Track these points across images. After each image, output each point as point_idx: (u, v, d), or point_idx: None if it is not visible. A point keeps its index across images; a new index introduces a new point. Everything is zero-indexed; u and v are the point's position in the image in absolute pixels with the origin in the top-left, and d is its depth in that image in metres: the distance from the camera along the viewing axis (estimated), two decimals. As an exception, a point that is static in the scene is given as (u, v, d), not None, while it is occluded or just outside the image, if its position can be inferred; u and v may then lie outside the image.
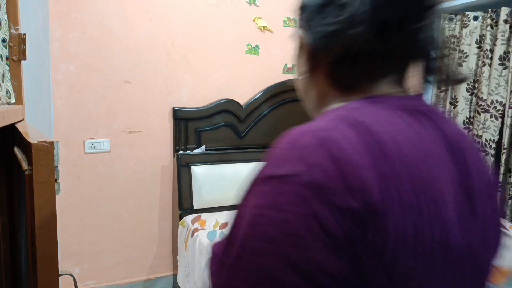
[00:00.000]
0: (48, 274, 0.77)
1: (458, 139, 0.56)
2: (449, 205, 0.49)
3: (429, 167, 0.48)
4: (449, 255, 0.47)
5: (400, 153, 0.46)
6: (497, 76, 2.93)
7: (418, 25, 0.53)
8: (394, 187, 0.43)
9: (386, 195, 0.42)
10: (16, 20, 1.18)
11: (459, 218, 0.50)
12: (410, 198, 0.44)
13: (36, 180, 0.75)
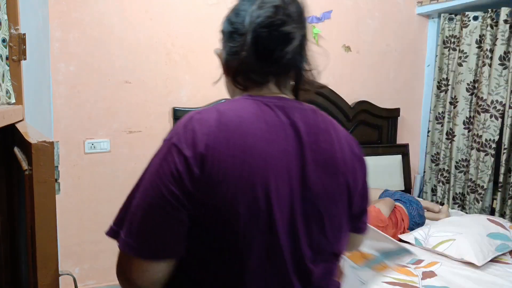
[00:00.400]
0: (48, 274, 0.77)
1: (307, 126, 0.80)
2: (273, 160, 0.74)
3: (264, 140, 0.75)
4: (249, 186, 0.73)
5: (236, 126, 0.74)
6: (497, 76, 2.93)
7: (284, 52, 0.78)
8: (220, 143, 0.71)
9: (209, 148, 0.71)
10: (16, 20, 1.18)
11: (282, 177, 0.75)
12: (232, 149, 0.72)
13: (36, 180, 0.75)
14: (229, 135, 0.73)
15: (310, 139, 0.79)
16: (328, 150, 0.81)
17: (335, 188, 0.82)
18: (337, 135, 0.85)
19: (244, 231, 0.73)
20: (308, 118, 0.82)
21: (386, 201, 2.40)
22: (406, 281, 1.83)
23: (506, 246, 2.14)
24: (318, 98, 3.10)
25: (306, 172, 0.78)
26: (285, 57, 0.79)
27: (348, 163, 0.84)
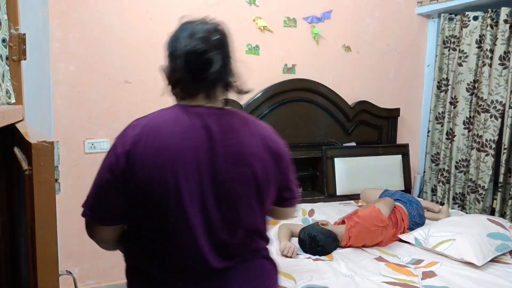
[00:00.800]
0: (48, 274, 0.77)
1: (219, 127, 1.03)
2: (182, 154, 0.99)
3: (177, 140, 1.00)
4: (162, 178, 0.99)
5: (156, 130, 1.00)
6: (497, 76, 2.93)
7: (208, 73, 1.01)
8: (143, 144, 0.98)
9: (136, 147, 0.97)
10: (16, 20, 1.18)
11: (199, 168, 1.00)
12: (150, 148, 0.98)
13: (36, 180, 0.75)
14: (149, 136, 1.00)
15: (221, 137, 1.03)
16: (236, 146, 1.04)
17: (242, 175, 1.04)
18: (251, 133, 1.08)
19: (159, 207, 1.00)
20: (222, 121, 1.06)
21: (386, 201, 2.40)
22: (406, 281, 1.83)
23: (506, 246, 2.14)
24: (318, 98, 3.10)
25: (215, 163, 1.01)
26: (209, 77, 1.03)
27: (255, 155, 1.06)
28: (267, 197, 1.11)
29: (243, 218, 1.05)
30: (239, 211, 1.05)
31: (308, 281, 1.79)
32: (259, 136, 1.10)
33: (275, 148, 1.12)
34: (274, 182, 1.11)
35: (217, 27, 1.13)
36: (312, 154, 3.12)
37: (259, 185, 1.06)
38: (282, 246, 2.08)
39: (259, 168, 1.06)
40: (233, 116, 1.10)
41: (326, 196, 3.07)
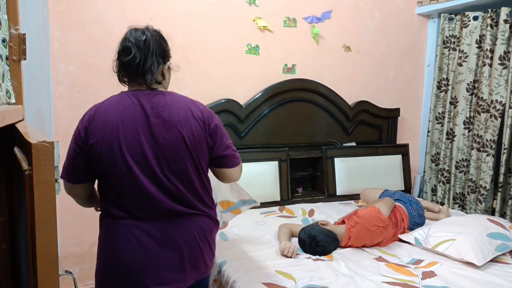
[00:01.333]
0: (48, 274, 0.77)
1: (151, 104, 1.36)
2: (134, 126, 1.34)
3: (122, 117, 1.34)
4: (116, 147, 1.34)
5: (104, 110, 1.37)
6: (497, 76, 2.93)
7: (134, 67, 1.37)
8: (95, 120, 1.35)
9: (91, 123, 1.36)
10: (16, 20, 1.18)
11: (137, 134, 1.34)
12: (104, 129, 1.34)
13: (36, 180, 0.75)
14: (100, 114, 1.37)
15: (152, 111, 1.36)
16: (166, 116, 1.36)
17: (173, 139, 1.36)
18: (178, 106, 1.39)
19: (110, 168, 1.35)
20: (153, 99, 1.38)
21: (386, 201, 2.40)
22: (406, 281, 1.83)
23: (506, 246, 2.14)
24: (318, 98, 3.11)
25: (151, 130, 1.35)
26: (135, 69, 1.39)
27: (183, 123, 1.37)
28: (200, 155, 1.41)
29: (179, 172, 1.38)
30: (174, 167, 1.37)
31: (308, 281, 1.79)
32: (187, 108, 1.40)
33: (201, 116, 1.41)
34: (203, 143, 1.41)
35: (144, 31, 1.41)
36: (312, 154, 3.12)
37: (189, 145, 1.37)
38: (282, 246, 2.08)
39: (187, 132, 1.37)
40: (164, 95, 1.41)
41: (326, 196, 3.07)
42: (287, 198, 2.93)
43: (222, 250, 2.13)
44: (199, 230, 1.42)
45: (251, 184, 2.77)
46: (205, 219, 1.45)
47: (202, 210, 1.44)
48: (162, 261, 1.36)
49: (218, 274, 2.00)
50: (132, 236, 1.36)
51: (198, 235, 1.42)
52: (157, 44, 1.40)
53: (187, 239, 1.39)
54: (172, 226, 1.38)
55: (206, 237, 1.44)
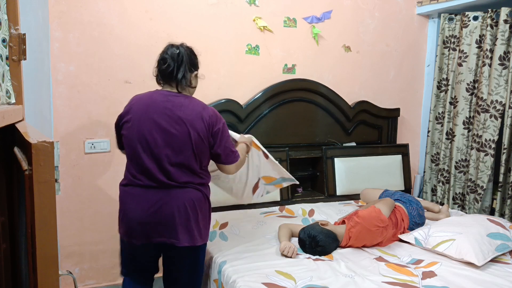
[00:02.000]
0: (48, 274, 0.77)
1: (170, 102, 1.77)
2: (155, 115, 1.76)
3: (148, 107, 1.78)
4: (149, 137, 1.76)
5: (140, 102, 1.81)
6: (497, 76, 2.93)
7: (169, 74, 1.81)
8: (132, 109, 1.80)
9: (128, 111, 1.82)
10: (16, 20, 1.18)
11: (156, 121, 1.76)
12: (135, 112, 1.79)
13: (36, 180, 0.75)
14: (136, 103, 1.81)
15: (171, 109, 1.76)
16: (179, 113, 1.75)
17: (180, 131, 1.74)
18: (192, 109, 1.78)
19: (127, 143, 1.80)
20: (175, 100, 1.78)
21: (386, 201, 2.40)
22: (406, 281, 1.83)
23: (506, 246, 2.14)
24: (318, 98, 3.11)
25: (164, 121, 1.75)
26: (170, 75, 1.81)
27: (191, 121, 1.75)
28: (201, 150, 1.79)
29: (179, 157, 1.76)
30: (175, 152, 1.75)
31: (308, 281, 1.79)
32: (199, 112, 1.78)
33: (208, 120, 1.78)
34: (206, 141, 1.79)
35: (179, 47, 1.83)
36: (312, 154, 3.12)
37: (193, 140, 1.75)
38: (282, 246, 2.08)
39: (193, 130, 1.75)
40: (185, 98, 1.80)
41: (326, 196, 3.07)
42: (287, 198, 2.93)
43: (222, 250, 2.13)
44: (189, 199, 1.77)
45: (251, 184, 2.78)
46: (196, 192, 1.80)
47: (194, 185, 1.80)
48: (159, 220, 1.75)
49: (218, 274, 2.00)
50: (136, 199, 1.78)
51: (188, 203, 1.77)
52: (187, 57, 1.82)
53: (179, 204, 1.75)
54: (166, 193, 1.76)
55: (195, 206, 1.78)
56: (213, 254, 2.12)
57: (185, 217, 1.76)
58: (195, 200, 1.78)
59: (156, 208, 1.74)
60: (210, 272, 2.10)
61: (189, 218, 1.77)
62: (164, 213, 1.74)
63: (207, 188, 1.88)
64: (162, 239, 1.76)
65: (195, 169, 1.79)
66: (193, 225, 1.78)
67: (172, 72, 1.79)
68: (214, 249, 2.17)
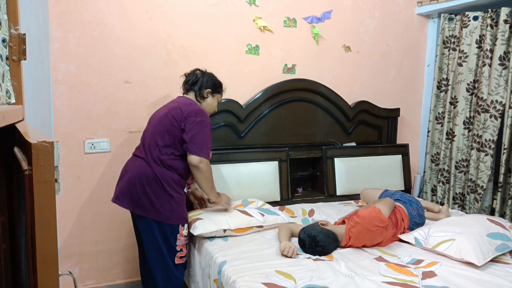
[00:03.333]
0: (48, 274, 0.77)
1: (175, 106, 2.23)
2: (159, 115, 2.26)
3: (162, 109, 2.28)
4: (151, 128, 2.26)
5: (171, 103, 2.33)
6: (497, 76, 2.93)
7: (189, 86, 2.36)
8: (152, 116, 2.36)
9: None
10: (16, 20, 1.18)
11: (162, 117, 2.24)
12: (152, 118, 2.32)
13: (36, 180, 0.75)
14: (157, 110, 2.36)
15: (170, 105, 2.27)
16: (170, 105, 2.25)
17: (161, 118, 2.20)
18: (182, 101, 2.24)
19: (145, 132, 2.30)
20: (186, 100, 2.26)
21: (386, 201, 2.40)
22: (406, 281, 1.83)
23: (506, 246, 2.14)
24: (318, 98, 3.11)
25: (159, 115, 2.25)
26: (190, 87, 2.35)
27: (172, 108, 2.19)
28: (171, 128, 2.14)
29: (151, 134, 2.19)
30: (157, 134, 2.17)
31: (308, 281, 1.79)
32: (184, 104, 2.19)
33: (187, 110, 2.15)
34: (177, 122, 2.14)
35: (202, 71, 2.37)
36: (312, 154, 3.12)
37: (169, 118, 2.15)
38: (282, 246, 2.08)
39: (171, 114, 2.15)
40: (184, 98, 2.30)
41: (326, 196, 3.07)
42: (287, 198, 2.93)
43: (222, 250, 2.13)
44: (140, 173, 2.13)
45: (251, 184, 2.78)
46: (146, 167, 2.13)
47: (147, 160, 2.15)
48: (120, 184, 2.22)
49: (218, 274, 2.00)
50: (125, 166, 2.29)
51: (138, 177, 2.12)
52: (207, 78, 2.33)
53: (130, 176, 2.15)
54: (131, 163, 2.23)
55: (142, 181, 2.11)
56: (213, 254, 2.12)
57: (133, 188, 2.13)
58: (144, 174, 2.12)
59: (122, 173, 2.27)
60: (210, 272, 2.10)
61: (136, 189, 2.12)
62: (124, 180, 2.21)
63: (164, 168, 2.14)
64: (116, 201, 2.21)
65: (159, 145, 2.14)
66: (145, 197, 2.10)
67: (194, 82, 2.32)
68: (214, 249, 2.17)
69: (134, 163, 2.20)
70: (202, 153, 2.12)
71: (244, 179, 2.76)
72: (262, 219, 2.41)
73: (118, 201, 2.19)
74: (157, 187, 2.13)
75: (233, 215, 2.37)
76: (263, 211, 2.49)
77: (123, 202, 2.17)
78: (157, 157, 2.14)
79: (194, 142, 2.11)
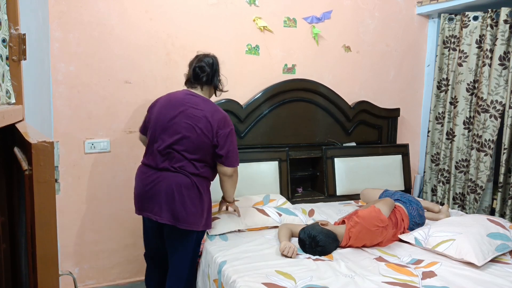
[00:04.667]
0: (48, 274, 0.77)
1: (189, 101, 2.08)
2: (172, 112, 2.07)
3: (170, 104, 2.10)
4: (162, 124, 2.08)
5: (167, 100, 2.14)
6: (497, 76, 2.93)
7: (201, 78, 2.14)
8: (157, 104, 2.17)
9: (154, 105, 2.19)
10: (16, 20, 1.18)
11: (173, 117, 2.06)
12: (158, 108, 2.13)
13: (36, 180, 0.75)
14: (160, 102, 2.15)
15: (188, 106, 2.06)
16: (192, 111, 2.04)
17: (187, 125, 2.03)
18: (204, 109, 2.06)
19: (152, 129, 2.10)
20: (193, 99, 2.09)
21: (386, 201, 2.40)
22: (406, 281, 1.83)
23: (506, 246, 2.14)
24: (318, 98, 3.11)
25: (178, 116, 2.04)
26: (202, 80, 2.13)
27: (199, 119, 2.03)
28: (202, 144, 2.03)
29: (177, 146, 2.03)
30: (184, 142, 2.02)
31: (308, 281, 1.79)
32: (209, 113, 2.05)
33: (215, 122, 2.04)
34: (208, 138, 2.03)
35: (210, 56, 2.18)
36: (312, 154, 3.12)
37: (198, 133, 2.02)
38: (282, 246, 2.08)
39: (199, 127, 2.02)
40: (201, 99, 2.10)
41: (326, 196, 3.07)
42: (287, 198, 2.93)
43: (222, 250, 2.13)
44: (176, 183, 2.00)
45: (251, 184, 2.78)
46: (185, 178, 2.01)
47: (185, 171, 2.02)
48: (151, 196, 2.04)
49: (218, 274, 2.00)
50: (144, 177, 2.09)
51: (176, 186, 2.00)
52: (216, 66, 2.17)
53: (167, 185, 2.01)
54: (161, 175, 2.04)
55: (181, 190, 1.99)
56: (213, 254, 2.12)
57: (171, 197, 2.00)
58: (182, 185, 2.00)
59: (151, 186, 2.05)
60: (210, 272, 2.10)
61: (174, 199, 1.99)
62: (154, 191, 2.03)
63: (201, 179, 2.06)
64: (148, 213, 2.06)
65: (188, 158, 2.03)
66: (177, 206, 1.99)
67: (208, 76, 2.13)
68: (214, 249, 2.17)
69: (164, 175, 2.03)
70: (236, 163, 2.11)
71: (244, 179, 2.76)
72: (279, 219, 2.44)
73: (157, 216, 2.02)
74: (195, 198, 2.04)
75: (250, 214, 2.41)
76: (281, 210, 2.51)
77: (162, 216, 2.01)
78: (188, 169, 2.03)
79: (229, 156, 2.06)
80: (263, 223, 2.42)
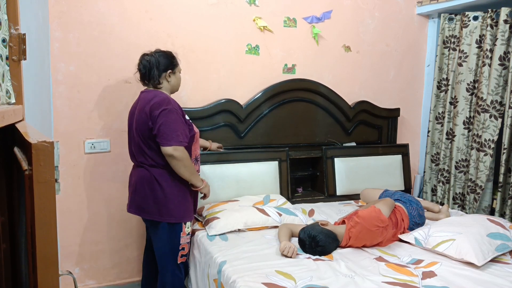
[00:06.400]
0: (48, 274, 0.77)
1: (141, 99, 2.17)
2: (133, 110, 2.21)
3: (137, 102, 2.21)
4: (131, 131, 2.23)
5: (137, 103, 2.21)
6: (497, 76, 2.93)
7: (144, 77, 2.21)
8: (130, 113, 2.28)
9: None
10: (16, 20, 1.18)
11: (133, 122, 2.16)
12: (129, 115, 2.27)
13: (36, 180, 0.75)
14: None
15: (140, 102, 2.14)
16: (140, 106, 2.11)
17: (138, 119, 2.11)
18: (149, 98, 2.09)
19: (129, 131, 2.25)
20: (143, 95, 2.15)
21: (386, 201, 2.40)
22: (406, 281, 1.83)
23: (506, 246, 2.14)
24: (318, 98, 3.11)
25: (136, 114, 2.13)
26: (144, 80, 2.21)
27: (139, 110, 2.11)
28: (144, 132, 2.08)
29: (134, 141, 2.16)
30: (133, 137, 2.17)
31: (308, 281, 1.79)
32: (148, 100, 2.08)
33: (149, 106, 2.05)
34: (146, 124, 2.05)
35: (149, 54, 2.19)
36: (312, 154, 3.12)
37: (139, 123, 2.09)
38: (282, 246, 2.08)
39: (141, 116, 2.07)
40: (149, 93, 2.14)
41: (326, 196, 3.07)
42: (287, 198, 2.93)
43: (222, 250, 2.13)
44: (140, 177, 2.13)
45: (251, 184, 2.78)
46: (145, 172, 2.11)
47: (145, 165, 2.12)
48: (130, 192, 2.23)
49: (218, 274, 2.00)
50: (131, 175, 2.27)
51: (139, 180, 2.12)
52: (157, 62, 2.15)
53: (135, 180, 2.15)
54: (132, 172, 2.25)
55: (143, 184, 2.10)
56: (213, 254, 2.12)
57: (134, 190, 2.16)
58: (143, 177, 2.11)
59: (130, 182, 2.25)
60: (210, 272, 2.10)
61: (136, 191, 2.14)
62: (128, 187, 2.26)
63: (161, 170, 2.11)
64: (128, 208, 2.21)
65: (145, 151, 2.10)
66: (139, 198, 2.13)
67: (145, 75, 2.16)
68: (214, 249, 2.17)
69: (134, 171, 2.23)
70: (173, 141, 2.00)
71: (244, 179, 2.76)
72: (279, 219, 2.44)
73: (131, 209, 2.21)
74: (156, 187, 2.11)
75: (250, 214, 2.41)
76: (281, 210, 2.51)
77: (130, 209, 2.20)
78: (146, 162, 2.12)
79: (161, 133, 2.00)
80: (263, 223, 2.42)
